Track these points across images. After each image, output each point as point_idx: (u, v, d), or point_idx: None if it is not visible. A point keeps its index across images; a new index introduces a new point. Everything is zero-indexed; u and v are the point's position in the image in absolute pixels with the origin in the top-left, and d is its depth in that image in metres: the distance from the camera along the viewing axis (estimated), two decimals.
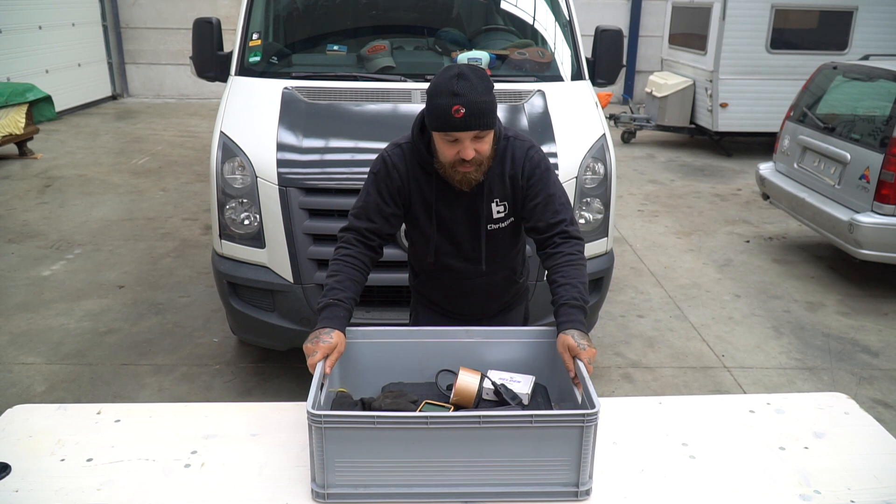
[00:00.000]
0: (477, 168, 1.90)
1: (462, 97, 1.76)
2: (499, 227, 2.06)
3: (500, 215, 2.04)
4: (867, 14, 8.51)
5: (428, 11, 4.29)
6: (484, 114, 1.80)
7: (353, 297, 1.90)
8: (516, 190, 2.01)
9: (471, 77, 1.80)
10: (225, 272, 3.27)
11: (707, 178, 8.17)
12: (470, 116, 1.78)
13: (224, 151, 3.23)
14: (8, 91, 7.82)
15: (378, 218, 2.01)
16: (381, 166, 2.02)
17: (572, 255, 1.92)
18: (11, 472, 1.60)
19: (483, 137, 1.85)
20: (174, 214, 6.36)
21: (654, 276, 5.19)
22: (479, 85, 1.80)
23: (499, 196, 2.02)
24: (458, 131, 1.81)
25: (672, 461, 1.69)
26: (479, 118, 1.79)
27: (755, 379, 3.81)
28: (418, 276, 2.29)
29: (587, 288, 1.91)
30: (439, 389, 1.86)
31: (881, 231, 4.53)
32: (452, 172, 1.91)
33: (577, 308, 1.82)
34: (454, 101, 1.77)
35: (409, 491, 1.52)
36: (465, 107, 1.76)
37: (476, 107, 1.78)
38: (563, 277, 1.88)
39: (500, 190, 2.01)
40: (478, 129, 1.82)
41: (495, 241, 2.08)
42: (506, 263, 2.17)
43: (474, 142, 1.84)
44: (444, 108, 1.78)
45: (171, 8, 12.66)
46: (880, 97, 4.86)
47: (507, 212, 2.04)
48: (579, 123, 3.48)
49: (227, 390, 3.61)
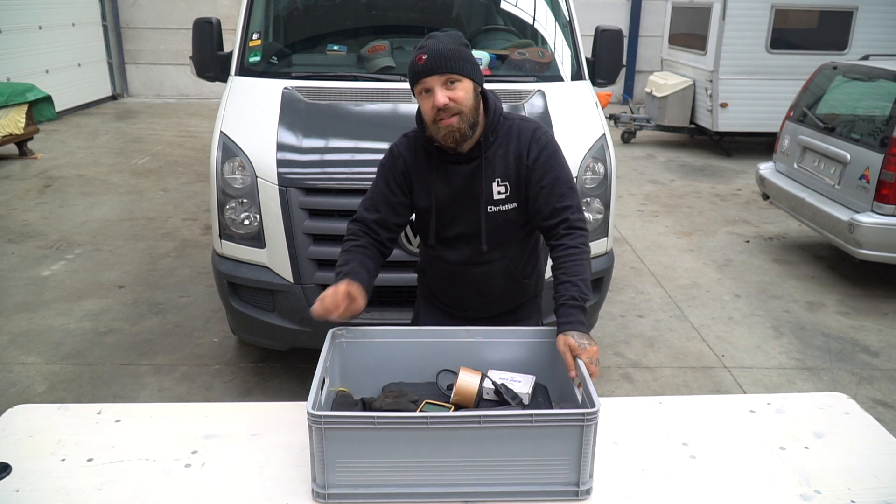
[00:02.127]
0: (459, 118, 1.87)
1: (425, 48, 1.86)
2: (499, 209, 2.01)
3: (500, 196, 2.00)
4: (867, 14, 8.51)
5: (428, 11, 4.29)
6: (446, 58, 1.84)
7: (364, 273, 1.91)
8: (520, 170, 1.98)
9: (439, 35, 1.90)
10: (225, 272, 3.27)
11: (707, 178, 8.17)
12: (431, 60, 1.83)
13: (224, 151, 3.23)
14: (8, 91, 7.82)
15: (384, 207, 2.03)
16: (388, 156, 2.07)
17: (575, 248, 1.90)
18: (12, 472, 1.60)
19: (455, 85, 1.86)
20: (174, 214, 6.36)
21: (654, 276, 5.19)
22: (446, 39, 1.89)
23: (500, 176, 1.98)
24: (424, 77, 1.85)
25: (672, 461, 1.69)
26: (440, 62, 1.83)
27: (755, 379, 3.81)
28: (424, 272, 2.29)
29: (589, 284, 1.89)
30: (439, 389, 1.86)
31: (881, 231, 4.53)
32: (436, 130, 1.90)
33: (577, 308, 1.82)
34: (418, 52, 1.86)
35: (410, 491, 1.52)
36: (427, 53, 1.84)
37: (438, 52, 1.84)
38: (563, 274, 1.88)
39: (502, 169, 1.98)
40: (441, 73, 1.84)
41: (496, 225, 2.03)
42: (507, 254, 2.10)
43: (446, 89, 1.85)
44: (411, 62, 1.87)
45: (171, 8, 12.66)
46: (880, 97, 4.86)
47: (509, 194, 2.00)
48: (579, 123, 3.48)
49: (227, 390, 3.61)
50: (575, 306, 1.82)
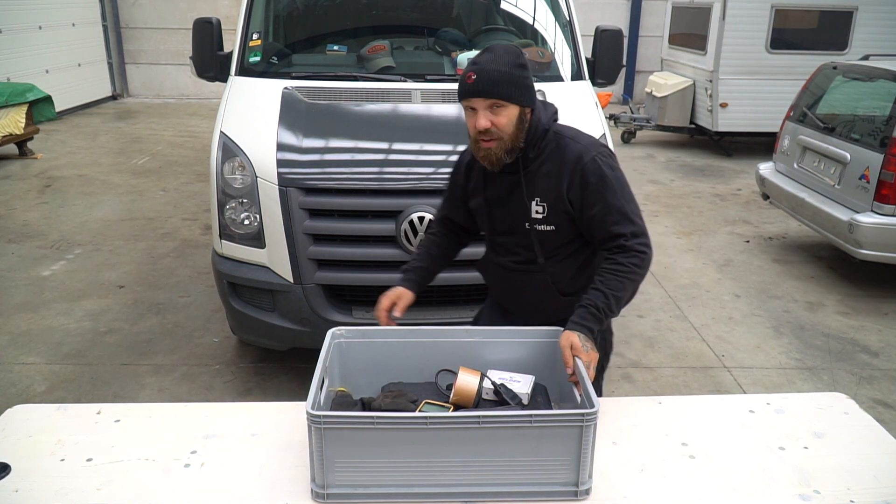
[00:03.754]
0: (498, 143, 1.86)
1: (478, 65, 1.81)
2: (538, 228, 1.98)
3: (538, 216, 1.97)
4: (867, 14, 8.50)
5: (428, 11, 4.30)
6: (495, 82, 1.79)
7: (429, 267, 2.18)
8: (560, 195, 1.92)
9: (497, 50, 1.85)
10: (225, 272, 3.27)
11: (707, 178, 8.17)
12: (480, 82, 1.80)
13: (224, 151, 3.23)
14: (8, 91, 7.82)
15: (451, 209, 2.21)
16: (456, 161, 2.17)
17: (622, 265, 1.85)
18: (11, 472, 1.60)
19: (500, 110, 1.83)
20: (174, 214, 6.36)
21: (654, 276, 5.19)
22: (503, 57, 1.82)
23: (540, 195, 1.95)
24: (470, 97, 1.84)
25: (672, 461, 1.69)
26: (489, 85, 1.79)
27: (755, 379, 3.81)
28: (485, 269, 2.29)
29: (620, 302, 1.85)
30: (439, 389, 1.86)
31: (881, 231, 4.53)
32: (476, 149, 1.92)
33: (594, 316, 1.80)
34: (470, 68, 1.83)
35: (409, 491, 1.52)
36: (478, 73, 1.80)
37: (488, 74, 1.79)
38: (601, 283, 1.85)
39: (542, 189, 1.94)
40: (488, 97, 1.81)
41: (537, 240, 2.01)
42: (547, 268, 2.04)
43: (490, 113, 1.83)
44: (462, 77, 1.84)
45: (171, 8, 12.66)
46: (880, 97, 4.86)
47: (546, 215, 1.96)
48: (579, 123, 3.45)
49: (227, 390, 3.61)
50: (593, 313, 1.80)
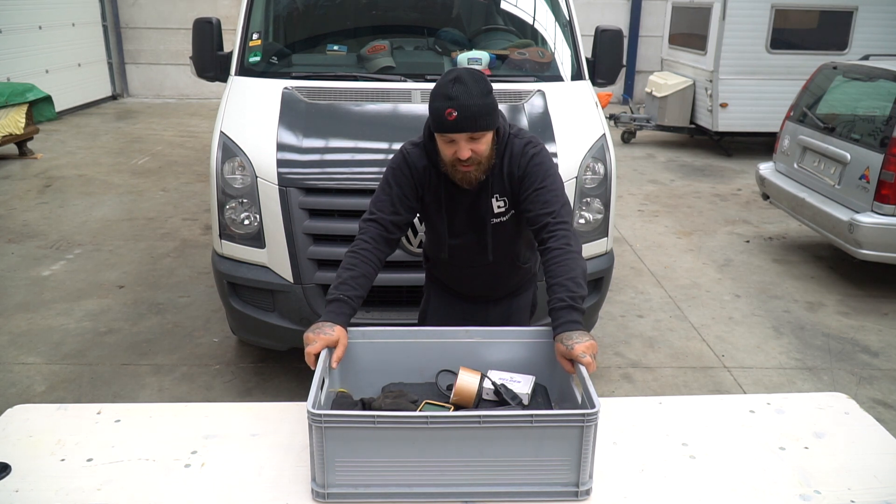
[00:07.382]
0: (477, 167, 1.99)
1: (455, 101, 1.86)
2: (501, 220, 2.14)
3: (500, 210, 2.12)
4: (867, 14, 8.51)
5: (428, 11, 4.29)
6: (475, 117, 1.88)
7: (362, 295, 1.95)
8: (513, 183, 2.07)
9: (467, 81, 1.88)
10: (225, 272, 3.27)
11: (707, 178, 8.17)
12: (462, 119, 1.87)
13: (224, 151, 3.23)
14: (8, 91, 7.82)
15: (402, 209, 2.10)
16: (402, 161, 2.10)
17: (558, 249, 1.91)
18: (11, 472, 1.60)
19: (479, 138, 1.93)
20: (174, 214, 6.36)
21: (654, 276, 5.19)
22: (475, 88, 1.88)
23: (499, 192, 2.09)
24: (452, 133, 1.90)
25: (672, 461, 1.69)
26: (470, 121, 1.88)
27: (755, 379, 3.81)
28: (430, 261, 2.42)
29: (578, 279, 1.86)
30: (439, 389, 1.86)
31: (881, 231, 4.53)
32: (453, 171, 2.01)
33: (567, 307, 1.80)
34: (447, 104, 1.87)
35: (409, 491, 1.52)
36: (458, 110, 1.86)
37: (468, 110, 1.87)
38: (551, 277, 1.89)
39: (500, 186, 2.09)
40: (470, 132, 1.90)
41: (500, 234, 2.17)
42: (510, 250, 2.25)
43: (470, 142, 1.92)
44: (439, 111, 1.89)
45: (171, 8, 12.65)
46: (880, 97, 4.86)
47: (507, 206, 2.12)
48: (579, 123, 3.49)
49: (227, 390, 3.61)
50: (565, 307, 1.80)
